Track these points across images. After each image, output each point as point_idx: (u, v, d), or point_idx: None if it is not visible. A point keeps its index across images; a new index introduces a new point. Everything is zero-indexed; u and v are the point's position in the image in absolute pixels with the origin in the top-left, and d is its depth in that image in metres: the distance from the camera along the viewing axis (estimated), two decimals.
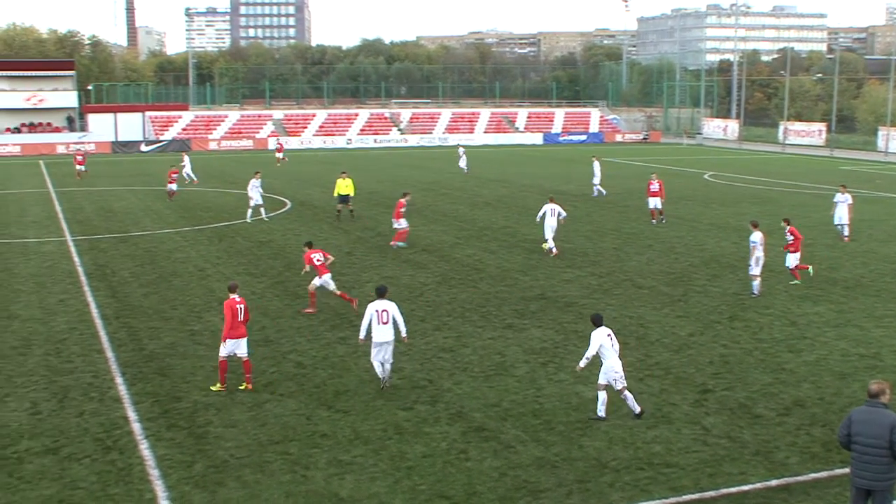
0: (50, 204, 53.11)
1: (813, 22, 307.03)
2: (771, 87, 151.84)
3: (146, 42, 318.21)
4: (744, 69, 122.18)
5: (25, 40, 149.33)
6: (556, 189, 58.15)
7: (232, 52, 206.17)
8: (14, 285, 30.16)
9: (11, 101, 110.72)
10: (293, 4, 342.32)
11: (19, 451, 16.27)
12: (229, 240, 38.74)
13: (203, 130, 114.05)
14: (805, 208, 48.49)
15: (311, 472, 15.27)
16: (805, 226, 41.22)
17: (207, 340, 23.27)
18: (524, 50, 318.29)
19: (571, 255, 34.87)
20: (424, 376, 20.24)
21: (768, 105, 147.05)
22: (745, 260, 32.43)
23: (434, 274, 31.55)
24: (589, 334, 18.03)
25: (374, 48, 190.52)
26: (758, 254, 27.78)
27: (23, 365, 21.38)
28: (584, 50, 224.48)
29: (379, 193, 56.30)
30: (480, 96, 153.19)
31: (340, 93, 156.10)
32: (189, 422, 17.62)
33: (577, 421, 17.48)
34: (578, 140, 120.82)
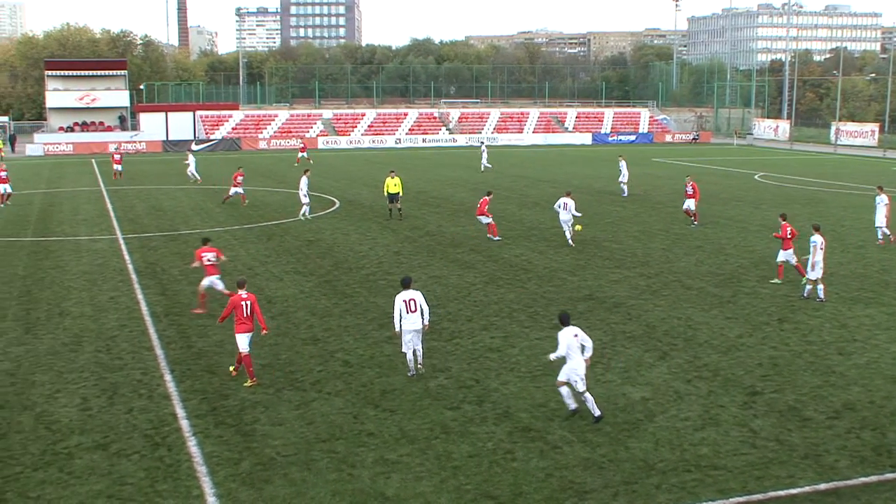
0: (101, 202, 53.72)
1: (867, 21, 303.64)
2: (823, 87, 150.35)
3: (197, 42, 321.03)
4: (795, 69, 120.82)
5: (79, 40, 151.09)
6: (604, 189, 57.94)
7: (282, 51, 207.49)
8: (66, 282, 30.54)
9: (65, 101, 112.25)
10: (343, 4, 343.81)
11: (70, 446, 16.46)
12: (278, 238, 38.96)
13: (253, 130, 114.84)
14: (856, 209, 47.92)
15: (358, 471, 15.31)
16: (856, 228, 40.85)
17: (255, 338, 23.38)
18: (574, 50, 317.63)
19: (620, 255, 34.70)
20: (471, 376, 20.24)
21: (820, 105, 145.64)
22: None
23: (482, 274, 31.53)
24: (636, 335, 17.95)
25: (423, 48, 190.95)
26: (816, 258, 26.95)
27: (74, 361, 21.65)
28: (634, 50, 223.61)
29: (427, 193, 56.38)
30: (529, 96, 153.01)
31: (390, 92, 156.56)
32: (237, 419, 17.74)
33: (623, 422, 17.39)
34: (628, 140, 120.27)
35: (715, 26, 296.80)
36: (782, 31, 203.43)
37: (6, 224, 44.49)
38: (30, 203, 53.63)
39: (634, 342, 22.91)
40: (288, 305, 27.02)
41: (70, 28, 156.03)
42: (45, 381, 20.12)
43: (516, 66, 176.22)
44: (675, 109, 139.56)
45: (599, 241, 37.98)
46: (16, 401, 18.86)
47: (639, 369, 20.71)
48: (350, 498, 14.37)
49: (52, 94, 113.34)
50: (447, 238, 38.78)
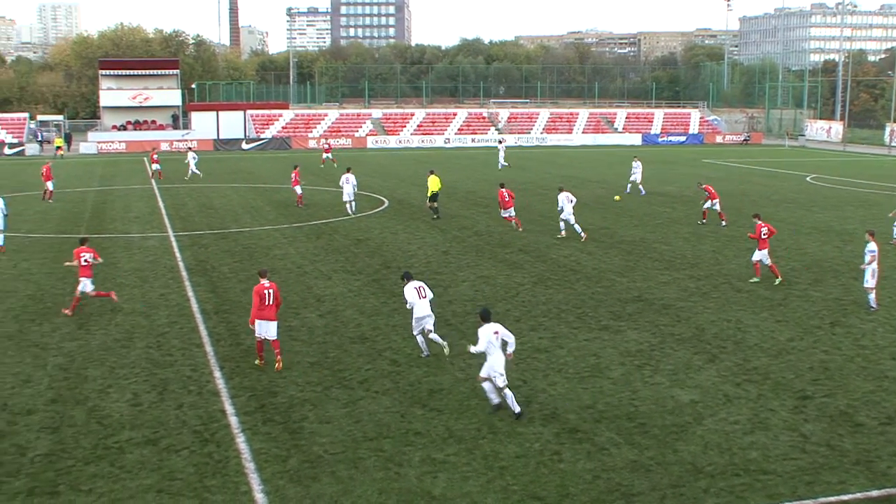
0: (153, 200, 54.27)
1: None
2: (877, 87, 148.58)
3: (248, 41, 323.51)
4: (849, 69, 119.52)
5: (132, 40, 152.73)
6: (654, 190, 57.57)
7: (332, 51, 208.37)
8: (118, 279, 30.88)
9: (118, 100, 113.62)
10: (393, 4, 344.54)
11: (121, 441, 16.65)
12: (327, 237, 39.14)
13: (303, 129, 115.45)
14: None
15: (405, 470, 15.35)
16: None
17: (304, 336, 23.55)
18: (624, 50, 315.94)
19: (670, 256, 34.50)
20: (519, 376, 20.21)
21: (874, 106, 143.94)
22: (848, 265, 31.85)
23: (530, 274, 31.48)
24: (685, 338, 17.85)
25: (473, 48, 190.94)
26: (874, 265, 26.43)
27: (125, 357, 21.90)
28: (685, 50, 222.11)
29: (475, 193, 56.37)
30: (579, 96, 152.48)
31: (439, 92, 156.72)
32: (285, 417, 17.85)
33: (672, 425, 17.29)
34: (678, 141, 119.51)
35: (767, 26, 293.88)
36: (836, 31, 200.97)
37: (60, 221, 45.11)
38: (83, 200, 54.33)
39: (683, 344, 22.77)
40: (336, 304, 27.14)
41: (124, 28, 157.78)
42: (97, 377, 20.38)
43: (566, 67, 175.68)
44: (726, 110, 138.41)
45: (649, 242, 37.79)
46: (69, 395, 19.12)
47: (687, 372, 20.59)
48: (397, 497, 14.41)
49: (105, 94, 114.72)
50: (495, 238, 38.75)
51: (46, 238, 39.80)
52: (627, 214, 46.22)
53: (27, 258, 34.78)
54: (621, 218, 44.92)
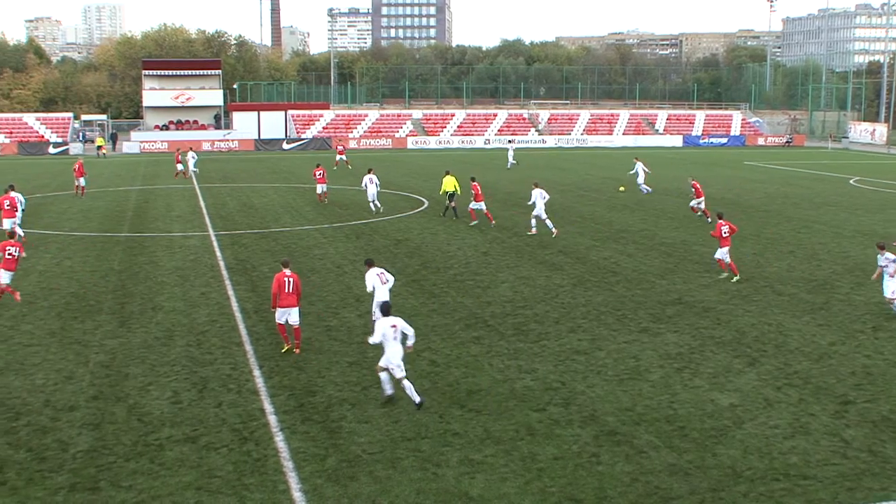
0: (195, 199, 54.67)
1: None
2: None
3: (290, 42, 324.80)
4: (894, 70, 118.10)
5: (175, 41, 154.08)
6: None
7: (373, 52, 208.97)
8: (159, 277, 31.13)
9: (160, 100, 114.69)
10: (434, 5, 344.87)
11: (161, 438, 16.78)
12: (367, 237, 39.24)
13: (343, 129, 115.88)
14: None
15: (442, 471, 15.35)
16: None
17: (343, 336, 23.62)
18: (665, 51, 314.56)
19: (710, 259, 34.27)
20: (557, 378, 20.17)
21: None
22: None
23: (570, 276, 31.40)
24: (726, 341, 17.74)
25: (513, 49, 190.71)
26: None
27: (166, 355, 22.06)
28: (727, 51, 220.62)
29: (515, 194, 56.29)
30: (620, 98, 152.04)
31: (479, 93, 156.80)
32: (323, 416, 17.90)
33: (711, 428, 17.18)
34: (719, 143, 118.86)
35: (810, 27, 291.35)
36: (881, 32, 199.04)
37: (103, 219, 45.54)
38: (126, 199, 54.83)
39: (723, 348, 22.62)
40: None
41: (167, 29, 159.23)
42: (138, 374, 20.55)
43: (607, 68, 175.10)
44: (769, 112, 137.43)
45: (689, 244, 37.58)
46: (110, 392, 19.29)
47: (727, 375, 20.44)
48: (434, 497, 14.42)
49: (148, 93, 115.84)
50: (535, 239, 38.68)
51: (89, 236, 40.20)
52: (667, 216, 45.99)
53: (70, 256, 35.14)
54: (661, 220, 44.71)
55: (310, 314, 25.81)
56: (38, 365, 21.22)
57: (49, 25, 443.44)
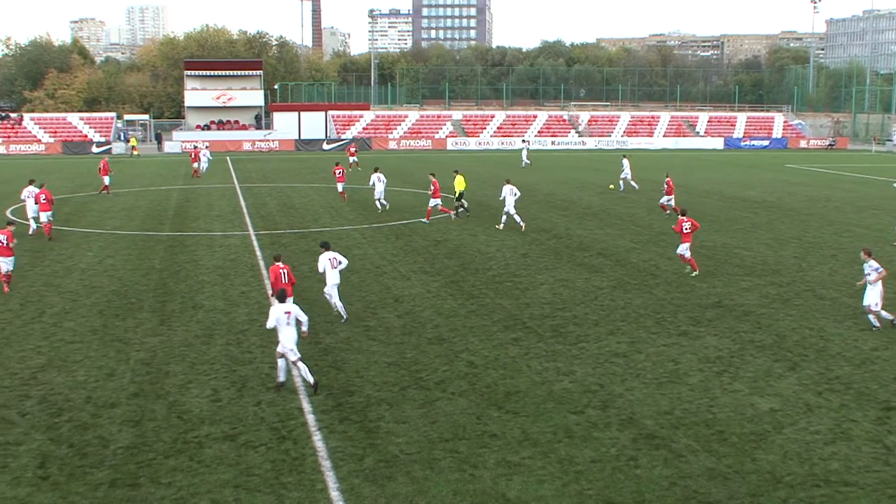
0: (235, 199, 55.00)
1: None
2: None
3: (331, 43, 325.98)
4: None
5: (217, 41, 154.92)
6: (736, 196, 56.96)
7: (413, 52, 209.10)
8: (200, 276, 31.34)
9: (202, 100, 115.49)
10: (474, 6, 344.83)
11: (200, 435, 16.89)
12: (406, 238, 39.30)
13: (383, 130, 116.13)
14: None
15: (480, 472, 15.35)
16: None
17: (382, 336, 23.67)
18: (707, 53, 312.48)
19: (751, 262, 34.04)
20: (596, 381, 20.10)
21: None
22: None
23: (609, 278, 31.29)
24: (766, 345, 17.61)
25: (554, 50, 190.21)
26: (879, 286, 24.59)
27: (206, 353, 22.21)
28: (769, 53, 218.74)
29: (555, 196, 56.20)
30: (661, 99, 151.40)
31: (519, 94, 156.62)
32: (361, 416, 17.95)
33: (751, 433, 17.05)
34: (761, 145, 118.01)
35: (854, 28, 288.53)
36: None
37: (145, 218, 45.92)
38: (167, 199, 55.26)
39: (763, 352, 22.44)
40: (414, 304, 27.23)
41: (209, 29, 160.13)
42: (178, 372, 20.70)
43: (647, 69, 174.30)
44: (811, 114, 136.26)
45: (730, 247, 37.33)
46: (150, 390, 19.45)
47: (767, 379, 20.29)
48: (471, 498, 14.41)
49: (190, 94, 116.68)
50: (575, 241, 38.59)
51: (131, 235, 40.55)
52: (708, 219, 45.69)
53: (112, 255, 35.47)
54: (701, 222, 44.31)
55: (348, 314, 25.87)
56: (80, 362, 21.44)
57: (93, 26, 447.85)
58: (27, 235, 39.47)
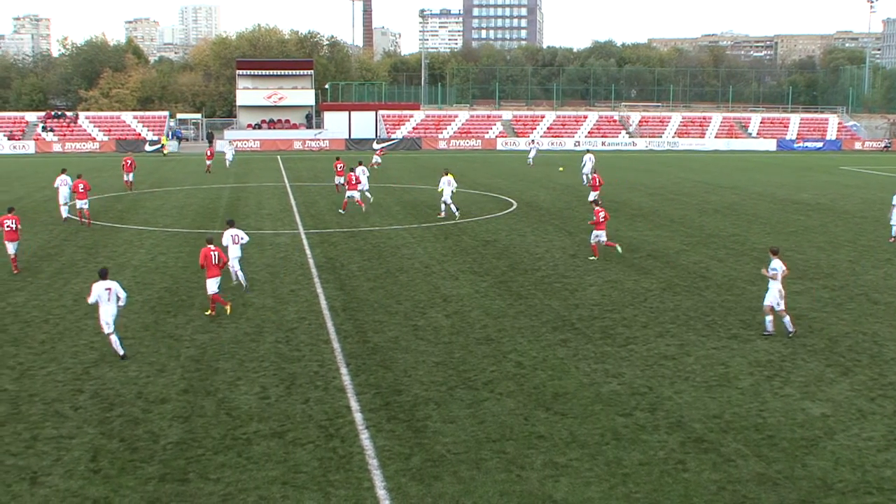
0: (285, 197, 55.35)
1: None
2: None
3: (381, 43, 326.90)
4: None
5: (269, 41, 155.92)
6: (788, 198, 56.40)
7: (464, 52, 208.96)
8: (249, 274, 31.52)
9: (253, 99, 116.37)
10: (525, 6, 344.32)
11: (248, 432, 17.01)
12: (455, 238, 39.31)
13: (433, 129, 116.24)
14: None
15: (527, 473, 15.31)
16: None
17: (430, 336, 23.68)
18: (760, 53, 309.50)
19: (803, 266, 33.67)
20: (645, 383, 19.99)
21: None
22: None
23: (658, 280, 31.09)
24: (818, 349, 17.41)
25: (604, 50, 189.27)
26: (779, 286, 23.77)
27: (255, 351, 22.36)
28: (824, 53, 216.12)
29: (605, 197, 55.83)
30: (712, 100, 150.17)
31: (570, 94, 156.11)
32: (409, 415, 17.97)
33: (802, 438, 16.86)
34: (814, 147, 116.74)
35: None
36: None
37: (196, 216, 46.34)
38: (218, 197, 55.74)
39: (815, 356, 22.18)
40: (463, 304, 27.23)
41: (261, 29, 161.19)
42: (227, 369, 20.86)
43: (699, 70, 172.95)
44: (867, 116, 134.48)
45: (782, 250, 36.83)
46: (200, 386, 19.61)
47: (819, 384, 20.05)
48: (518, 499, 14.38)
49: (242, 93, 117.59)
50: (624, 242, 38.34)
51: (182, 232, 40.94)
52: (759, 222, 45.31)
53: (164, 252, 35.83)
54: (753, 225, 44.06)
55: (397, 314, 25.96)
56: (132, 357, 21.67)
57: (147, 26, 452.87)
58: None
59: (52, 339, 23.15)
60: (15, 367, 20.97)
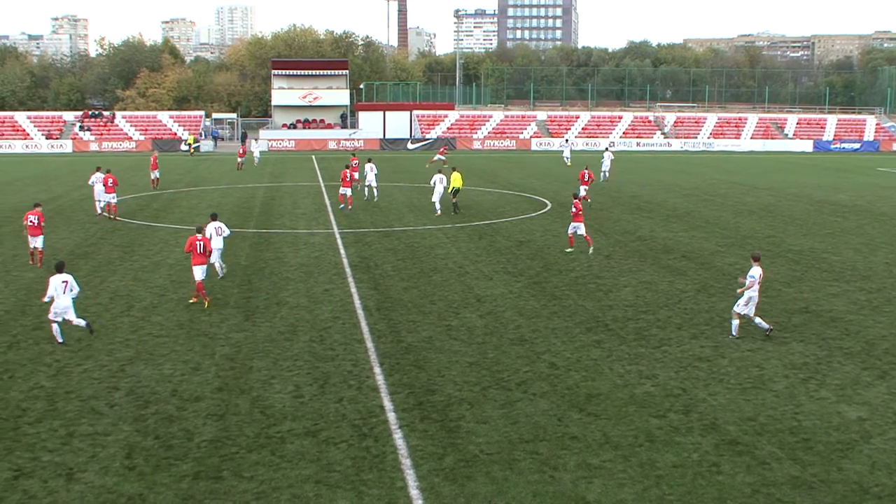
0: (320, 197, 55.53)
1: None
2: None
3: (416, 43, 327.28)
4: None
5: (304, 41, 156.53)
6: (825, 199, 55.96)
7: (498, 53, 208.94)
8: (284, 273, 31.68)
9: (289, 99, 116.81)
10: (560, 6, 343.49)
11: (282, 431, 17.07)
12: (489, 238, 39.28)
13: (468, 130, 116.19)
14: None
15: (560, 474, 15.28)
16: None
17: (464, 336, 23.68)
18: (797, 53, 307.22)
19: (840, 268, 33.40)
20: (678, 385, 19.90)
21: None
22: None
23: (693, 281, 30.94)
24: (854, 352, 17.26)
25: (640, 50, 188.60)
26: (751, 293, 23.45)
27: (289, 350, 22.44)
28: (862, 53, 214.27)
29: (639, 198, 55.74)
30: (748, 101, 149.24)
31: (605, 95, 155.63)
32: (442, 415, 17.98)
33: (837, 441, 16.73)
34: (852, 148, 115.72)
35: None
36: None
37: (232, 215, 46.55)
38: (253, 196, 56.00)
39: (852, 359, 22.00)
40: (496, 305, 27.20)
41: (296, 29, 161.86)
42: (261, 367, 20.95)
43: (735, 70, 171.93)
44: None
45: (818, 252, 36.66)
46: (234, 384, 19.71)
47: (855, 388, 19.88)
48: (551, 500, 14.36)
49: (277, 93, 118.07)
50: (659, 243, 38.24)
51: None
52: (796, 223, 44.99)
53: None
54: (789, 226, 43.76)
55: (431, 313, 25.98)
56: (167, 355, 21.82)
57: (184, 26, 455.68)
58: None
59: (88, 337, 23.33)
60: (52, 364, 21.18)
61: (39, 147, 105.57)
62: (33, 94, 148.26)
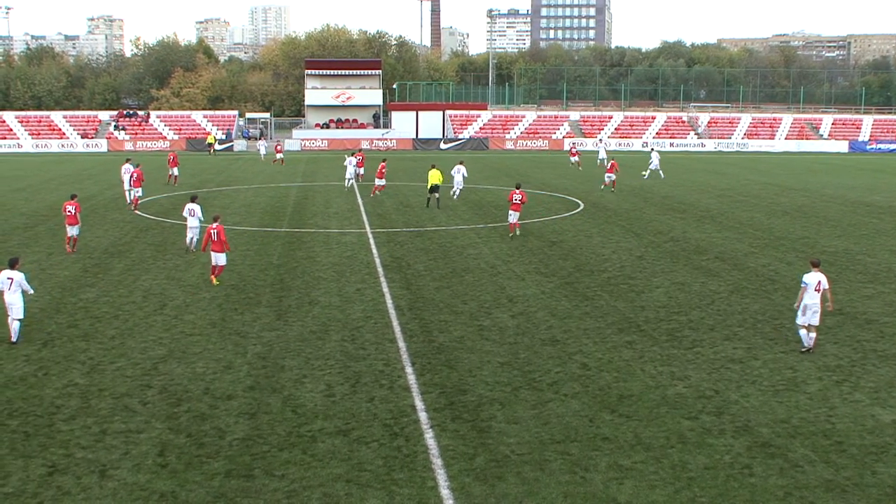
0: (353, 196, 55.65)
1: None
2: None
3: (449, 43, 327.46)
4: None
5: (337, 41, 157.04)
6: (860, 200, 55.51)
7: (531, 53, 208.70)
8: (316, 273, 31.77)
9: (322, 99, 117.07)
10: (594, 6, 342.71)
11: (313, 430, 17.12)
12: (521, 238, 39.20)
13: (500, 130, 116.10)
14: None
15: (591, 475, 15.24)
16: None
17: (495, 336, 23.66)
18: (832, 53, 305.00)
19: (875, 269, 33.12)
20: (711, 386, 19.79)
21: None
22: None
23: (726, 282, 30.76)
24: (889, 355, 17.09)
25: (673, 50, 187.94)
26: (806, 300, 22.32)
27: (321, 349, 22.50)
28: None
29: (672, 198, 55.50)
30: (783, 101, 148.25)
31: (638, 95, 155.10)
32: (473, 415, 17.97)
33: (871, 445, 16.58)
34: (888, 149, 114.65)
35: None
36: None
37: (264, 214, 46.78)
38: (286, 196, 56.20)
39: (886, 362, 21.80)
40: (528, 305, 27.17)
41: (329, 29, 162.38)
42: (293, 366, 21.02)
43: (770, 70, 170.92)
44: None
45: (853, 254, 36.36)
46: (266, 383, 19.79)
47: (890, 390, 19.70)
48: (582, 501, 14.32)
49: (310, 92, 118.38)
50: (691, 244, 38.05)
51: (250, 231, 41.34)
52: (830, 224, 44.64)
53: (231, 250, 36.05)
54: (823, 228, 43.43)
55: (462, 313, 25.96)
56: (199, 354, 21.94)
57: (218, 26, 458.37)
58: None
59: (121, 335, 23.52)
60: (85, 361, 21.34)
61: (75, 146, 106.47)
62: (69, 94, 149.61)
